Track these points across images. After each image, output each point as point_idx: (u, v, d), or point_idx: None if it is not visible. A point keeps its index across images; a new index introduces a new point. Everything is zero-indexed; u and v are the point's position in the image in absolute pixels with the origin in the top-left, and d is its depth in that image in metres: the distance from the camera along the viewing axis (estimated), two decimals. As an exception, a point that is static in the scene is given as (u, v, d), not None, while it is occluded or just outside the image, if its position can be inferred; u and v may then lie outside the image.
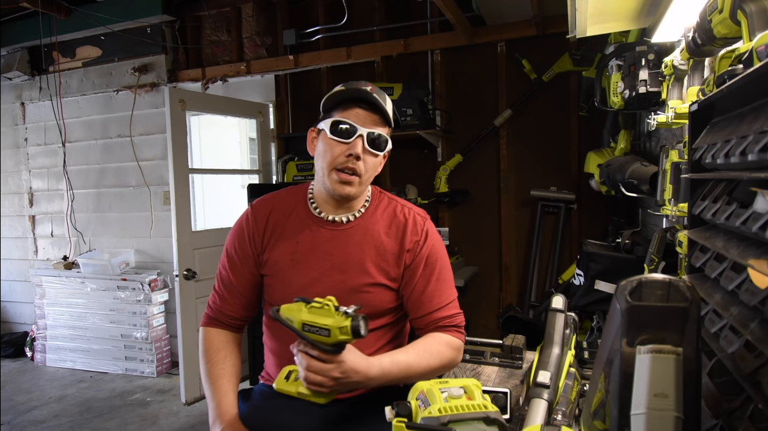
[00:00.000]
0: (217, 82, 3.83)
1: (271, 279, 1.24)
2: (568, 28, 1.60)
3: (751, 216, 0.62)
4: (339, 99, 1.19)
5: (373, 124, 1.17)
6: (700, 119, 0.87)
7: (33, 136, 4.43)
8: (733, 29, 0.86)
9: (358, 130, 1.15)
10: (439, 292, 1.21)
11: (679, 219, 1.24)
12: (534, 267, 3.17)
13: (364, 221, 1.24)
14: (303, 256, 1.21)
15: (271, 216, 1.26)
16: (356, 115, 1.16)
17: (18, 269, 4.55)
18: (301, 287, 1.18)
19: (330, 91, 1.21)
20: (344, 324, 0.93)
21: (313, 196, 1.27)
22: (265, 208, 1.27)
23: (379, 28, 3.41)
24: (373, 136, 1.17)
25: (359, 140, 1.15)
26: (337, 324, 0.93)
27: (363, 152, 1.15)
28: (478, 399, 0.75)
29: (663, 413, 0.52)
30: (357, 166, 1.15)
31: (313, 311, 0.96)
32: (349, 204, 1.24)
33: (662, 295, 0.54)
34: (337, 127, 1.16)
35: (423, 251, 1.22)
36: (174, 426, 3.00)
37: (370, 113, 1.17)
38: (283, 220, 1.25)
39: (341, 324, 0.92)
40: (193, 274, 3.07)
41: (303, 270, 1.20)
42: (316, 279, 1.19)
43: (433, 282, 1.21)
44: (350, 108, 1.17)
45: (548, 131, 3.15)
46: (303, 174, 3.38)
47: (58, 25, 3.86)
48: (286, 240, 1.23)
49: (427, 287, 1.21)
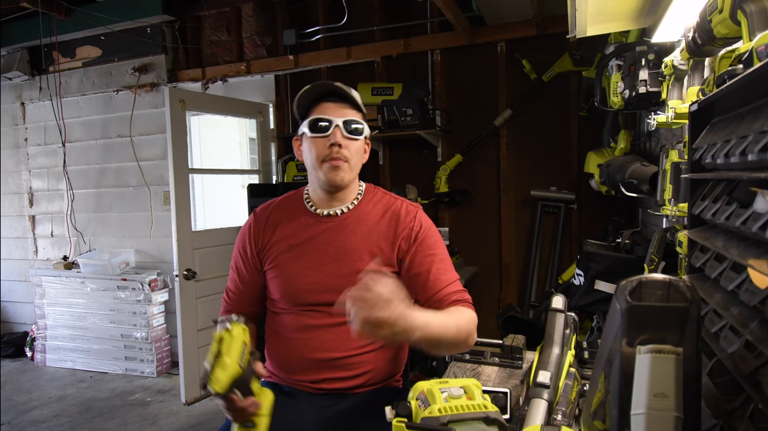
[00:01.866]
0: (217, 82, 3.83)
1: (273, 272, 1.30)
2: (568, 28, 1.60)
3: (751, 217, 0.62)
4: (308, 99, 1.27)
5: (344, 111, 1.25)
6: (700, 119, 0.87)
7: (33, 136, 4.43)
8: (733, 29, 0.86)
9: (334, 121, 1.23)
10: (444, 271, 1.25)
11: (679, 219, 1.24)
12: (534, 267, 3.17)
13: (357, 212, 1.30)
14: (301, 249, 1.28)
15: (270, 216, 1.35)
16: (328, 108, 1.25)
17: (18, 269, 4.55)
18: (297, 277, 1.25)
19: (297, 95, 1.28)
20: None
21: (308, 196, 1.35)
22: (265, 211, 1.37)
23: (379, 28, 3.41)
24: (348, 123, 1.24)
25: (337, 130, 1.23)
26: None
27: (343, 139, 1.23)
28: (478, 399, 0.75)
29: (663, 413, 0.52)
30: (340, 153, 1.23)
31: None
32: (342, 196, 1.30)
33: (662, 295, 0.54)
34: (315, 124, 1.24)
35: (419, 236, 1.26)
36: (174, 426, 3.00)
37: (340, 103, 1.26)
38: (281, 219, 1.33)
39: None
40: (193, 274, 3.07)
41: (301, 261, 1.26)
42: (313, 269, 1.25)
43: (437, 262, 1.25)
44: (321, 104, 1.26)
45: (548, 131, 3.15)
46: (303, 174, 3.37)
47: (58, 25, 3.85)
48: (285, 236, 1.30)
49: (432, 268, 1.23)
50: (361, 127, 1.27)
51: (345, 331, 1.20)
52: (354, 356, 1.22)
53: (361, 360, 1.23)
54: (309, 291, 1.24)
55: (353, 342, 1.21)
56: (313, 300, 1.23)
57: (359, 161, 1.29)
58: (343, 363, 1.22)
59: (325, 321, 1.22)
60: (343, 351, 1.22)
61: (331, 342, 1.22)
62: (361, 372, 1.24)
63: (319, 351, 1.22)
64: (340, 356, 1.22)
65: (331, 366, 1.22)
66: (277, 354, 1.29)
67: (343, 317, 1.18)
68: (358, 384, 1.24)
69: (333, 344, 1.22)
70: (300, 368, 1.24)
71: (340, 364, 1.22)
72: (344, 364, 1.22)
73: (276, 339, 1.29)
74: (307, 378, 1.23)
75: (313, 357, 1.22)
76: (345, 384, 1.23)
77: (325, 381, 1.23)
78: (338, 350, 1.22)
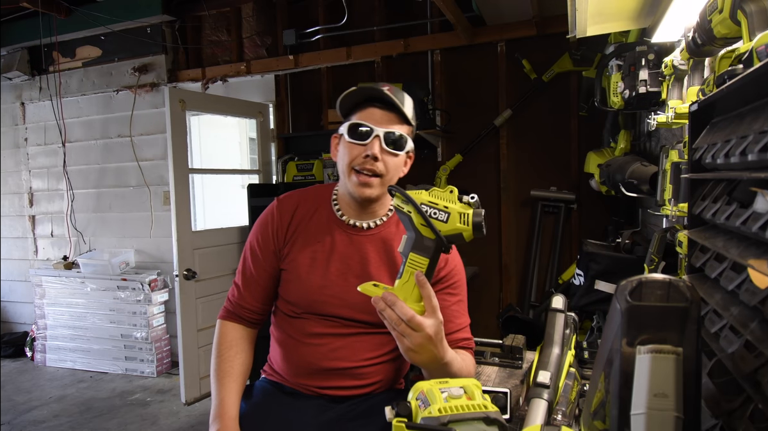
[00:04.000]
0: (217, 82, 3.83)
1: (289, 275, 1.23)
2: (568, 28, 1.60)
3: (751, 217, 0.62)
4: (354, 100, 1.19)
5: (390, 123, 1.16)
6: (700, 119, 0.87)
7: (33, 136, 4.43)
8: (733, 29, 0.86)
9: (375, 130, 1.14)
10: (460, 314, 1.22)
11: (679, 219, 1.24)
12: (534, 267, 3.17)
13: (385, 230, 1.24)
14: (321, 258, 1.21)
15: (296, 212, 1.26)
16: (372, 115, 1.16)
17: (18, 269, 4.56)
18: (317, 287, 1.19)
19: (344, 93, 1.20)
20: (467, 212, 0.88)
21: (337, 199, 1.27)
22: (291, 203, 1.27)
23: (379, 28, 3.41)
24: (390, 135, 1.15)
25: (376, 140, 1.14)
26: (460, 209, 0.88)
27: (381, 152, 1.14)
28: (478, 399, 0.75)
29: (663, 413, 0.52)
30: (375, 166, 1.14)
31: (434, 194, 0.91)
32: (373, 209, 1.24)
33: (662, 295, 0.53)
34: (354, 129, 1.15)
35: (444, 270, 1.22)
36: (174, 426, 3.00)
37: (387, 112, 1.16)
38: (306, 219, 1.25)
39: (464, 211, 0.88)
40: (193, 274, 3.07)
41: (319, 271, 1.20)
42: (331, 281, 1.20)
43: (456, 302, 1.22)
44: (366, 109, 1.17)
45: (548, 131, 3.15)
46: (303, 174, 3.38)
47: (58, 25, 3.86)
48: (308, 240, 1.23)
49: (450, 306, 1.20)
50: (403, 141, 1.17)
51: (357, 341, 1.20)
52: (364, 367, 1.21)
53: (371, 371, 1.22)
54: (326, 303, 1.19)
55: (364, 352, 1.20)
56: (329, 311, 1.20)
57: (395, 176, 1.20)
58: (353, 372, 1.20)
59: (339, 331, 1.20)
60: (353, 361, 1.20)
61: (342, 351, 1.19)
62: (369, 383, 1.22)
63: (329, 360, 1.19)
64: (350, 366, 1.20)
65: (340, 374, 1.20)
66: (285, 356, 1.26)
67: (356, 327, 1.19)
68: (364, 393, 1.22)
69: (344, 353, 1.19)
70: (308, 373, 1.22)
71: (350, 373, 1.20)
72: (354, 374, 1.21)
73: (285, 341, 1.25)
74: (313, 383, 1.22)
75: (324, 366, 1.20)
76: (351, 392, 1.21)
77: (331, 389, 1.21)
78: (349, 360, 1.20)
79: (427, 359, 0.95)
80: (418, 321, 0.89)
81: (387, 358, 1.23)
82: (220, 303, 1.35)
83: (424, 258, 0.91)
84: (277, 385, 1.27)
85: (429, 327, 0.90)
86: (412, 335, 0.90)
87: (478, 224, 0.88)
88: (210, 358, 1.26)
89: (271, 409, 1.21)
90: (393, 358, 1.24)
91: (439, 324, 0.92)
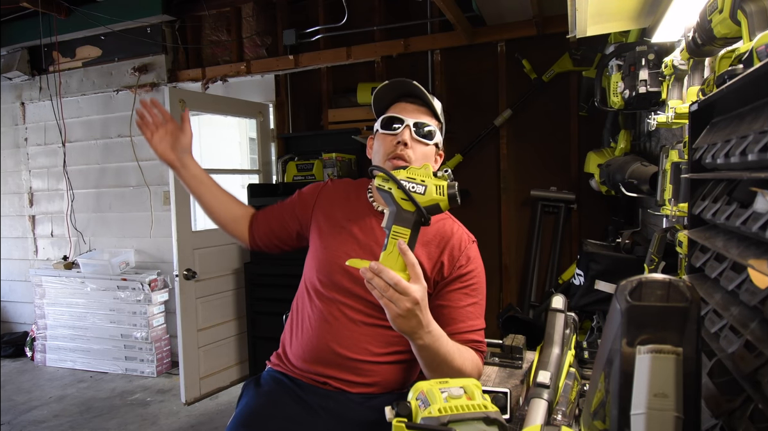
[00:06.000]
0: (217, 82, 3.83)
1: (317, 241, 1.32)
2: (568, 28, 1.60)
3: (751, 217, 0.62)
4: (387, 96, 1.30)
5: (419, 114, 1.26)
6: (700, 119, 0.87)
7: (33, 136, 4.43)
8: (733, 29, 0.86)
9: (405, 120, 1.24)
10: (475, 316, 1.23)
11: (679, 219, 1.24)
12: (534, 267, 3.17)
13: None
14: (351, 233, 1.29)
15: (340, 191, 1.39)
16: (403, 108, 1.27)
17: (18, 269, 4.55)
18: (335, 257, 1.25)
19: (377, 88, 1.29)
20: (442, 184, 0.96)
21: (371, 190, 1.36)
22: (340, 184, 1.42)
23: (379, 28, 3.41)
24: (419, 125, 1.25)
25: (407, 129, 1.24)
26: (435, 182, 0.97)
27: (411, 140, 1.23)
28: (478, 399, 0.75)
29: (663, 413, 0.52)
30: (405, 152, 1.22)
31: (411, 171, 1.00)
32: None
33: (662, 295, 0.53)
34: (388, 122, 1.26)
35: (463, 269, 1.24)
36: (174, 426, 3.00)
37: (416, 105, 1.28)
38: (345, 199, 1.37)
39: (439, 183, 0.97)
40: (193, 274, 3.07)
41: (342, 245, 1.27)
42: (356, 255, 1.24)
43: (471, 304, 1.23)
44: (398, 103, 1.29)
45: (548, 131, 3.15)
46: (303, 174, 3.37)
47: (58, 25, 3.86)
48: (343, 215, 1.32)
49: (466, 307, 1.22)
50: (432, 131, 1.26)
51: (365, 332, 1.22)
52: (365, 362, 1.21)
53: (372, 369, 1.22)
54: (344, 274, 1.23)
55: (370, 346, 1.21)
56: (344, 284, 1.23)
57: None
58: (353, 365, 1.21)
59: (352, 315, 1.22)
60: (356, 353, 1.21)
61: (348, 340, 1.21)
62: (368, 382, 1.22)
63: (333, 343, 1.22)
64: (352, 356, 1.21)
65: (341, 364, 1.21)
66: (295, 337, 1.29)
67: (366, 317, 1.22)
68: (361, 392, 1.23)
69: (349, 342, 1.21)
70: (312, 353, 1.24)
71: (350, 365, 1.21)
72: (353, 367, 1.21)
73: (299, 322, 1.30)
74: (314, 369, 1.23)
75: (327, 346, 1.22)
76: (349, 388, 1.22)
77: (331, 379, 1.22)
78: (352, 350, 1.21)
79: (415, 324, 0.98)
80: (404, 286, 0.93)
81: (392, 359, 1.24)
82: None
83: (406, 229, 0.98)
84: (283, 374, 1.30)
85: (415, 292, 0.94)
86: (400, 299, 0.94)
87: (453, 195, 0.97)
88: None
89: (278, 401, 1.23)
90: (398, 360, 1.24)
91: (423, 290, 0.97)
